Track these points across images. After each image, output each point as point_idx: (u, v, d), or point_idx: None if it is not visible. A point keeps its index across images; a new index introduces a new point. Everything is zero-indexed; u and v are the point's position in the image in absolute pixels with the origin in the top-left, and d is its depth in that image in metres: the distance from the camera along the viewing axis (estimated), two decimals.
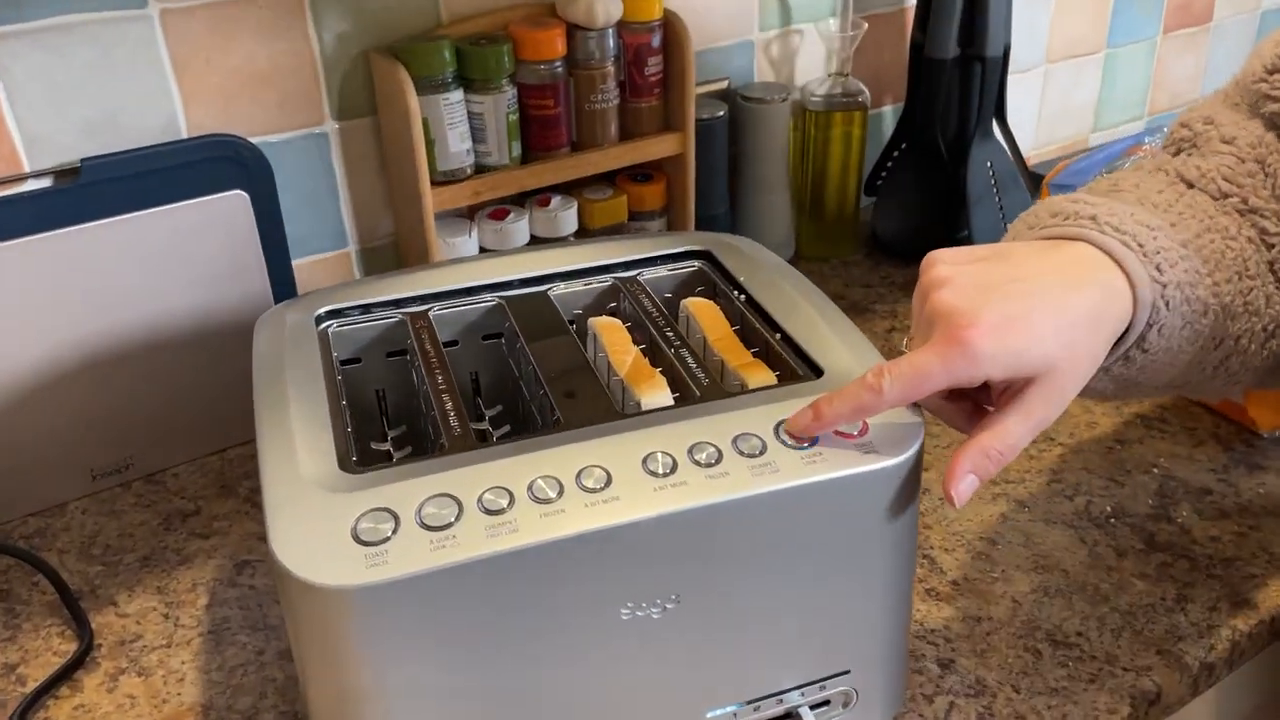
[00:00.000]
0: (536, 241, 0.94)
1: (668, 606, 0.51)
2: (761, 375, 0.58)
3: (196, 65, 0.81)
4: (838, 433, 0.52)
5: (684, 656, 0.52)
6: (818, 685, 0.56)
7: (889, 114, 1.18)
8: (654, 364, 0.60)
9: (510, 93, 0.88)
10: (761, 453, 0.51)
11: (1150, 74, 1.39)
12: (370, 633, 0.47)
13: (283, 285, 0.85)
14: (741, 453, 0.51)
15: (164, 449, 0.84)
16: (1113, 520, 0.76)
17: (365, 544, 0.47)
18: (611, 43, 0.90)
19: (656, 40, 0.92)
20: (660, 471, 0.50)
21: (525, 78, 0.88)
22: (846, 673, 0.57)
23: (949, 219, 1.07)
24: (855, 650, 0.56)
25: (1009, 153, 1.07)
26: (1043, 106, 1.30)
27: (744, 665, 0.54)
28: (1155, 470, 0.81)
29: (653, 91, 0.94)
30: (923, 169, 1.06)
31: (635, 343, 0.62)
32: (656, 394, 0.57)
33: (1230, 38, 1.44)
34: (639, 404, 0.56)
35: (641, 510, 0.48)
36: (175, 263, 0.79)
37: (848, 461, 0.51)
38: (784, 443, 0.52)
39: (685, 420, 0.53)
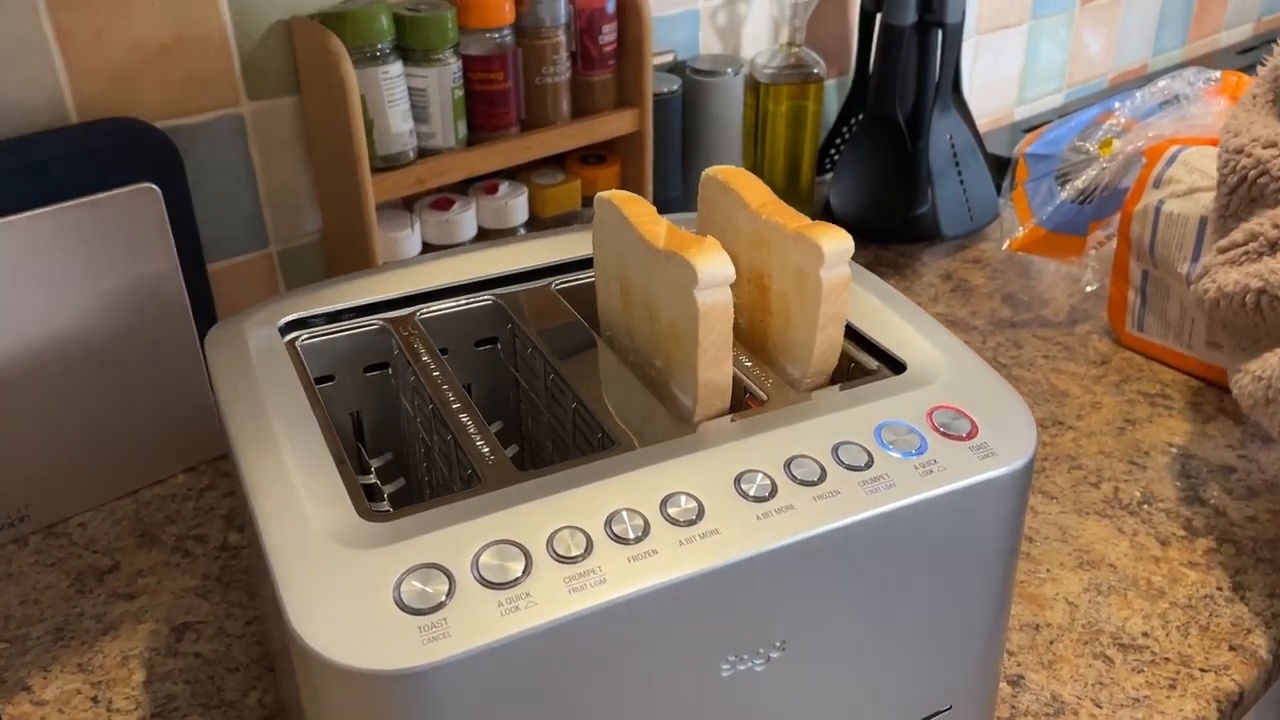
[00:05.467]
0: (485, 234, 0.84)
1: (772, 656, 0.42)
2: (834, 238, 0.47)
3: (85, 37, 0.68)
4: (945, 434, 0.45)
5: (786, 713, 0.44)
6: None
7: (832, 87, 1.12)
8: None
9: (455, 65, 0.77)
10: (869, 464, 0.43)
11: (1069, 46, 1.37)
12: None
13: (200, 295, 0.73)
14: (846, 465, 0.43)
15: (66, 494, 0.70)
16: (1145, 506, 0.71)
17: (415, 612, 0.37)
18: (563, 8, 0.81)
19: (611, 6, 0.83)
20: (759, 495, 0.41)
21: (470, 48, 0.78)
22: (949, 709, 0.49)
23: (908, 194, 1.01)
24: (958, 683, 0.49)
25: (966, 125, 1.02)
26: (973, 79, 1.27)
27: (846, 715, 0.46)
28: (1173, 450, 0.76)
29: (607, 63, 0.85)
30: (880, 143, 1.00)
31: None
32: (714, 260, 0.45)
33: (1139, 8, 1.43)
34: (696, 275, 0.44)
35: (748, 545, 0.40)
36: (72, 271, 0.66)
37: (967, 469, 0.44)
38: (890, 450, 0.44)
39: (772, 430, 0.44)
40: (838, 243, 0.46)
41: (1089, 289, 0.91)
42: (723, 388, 0.46)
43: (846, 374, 0.51)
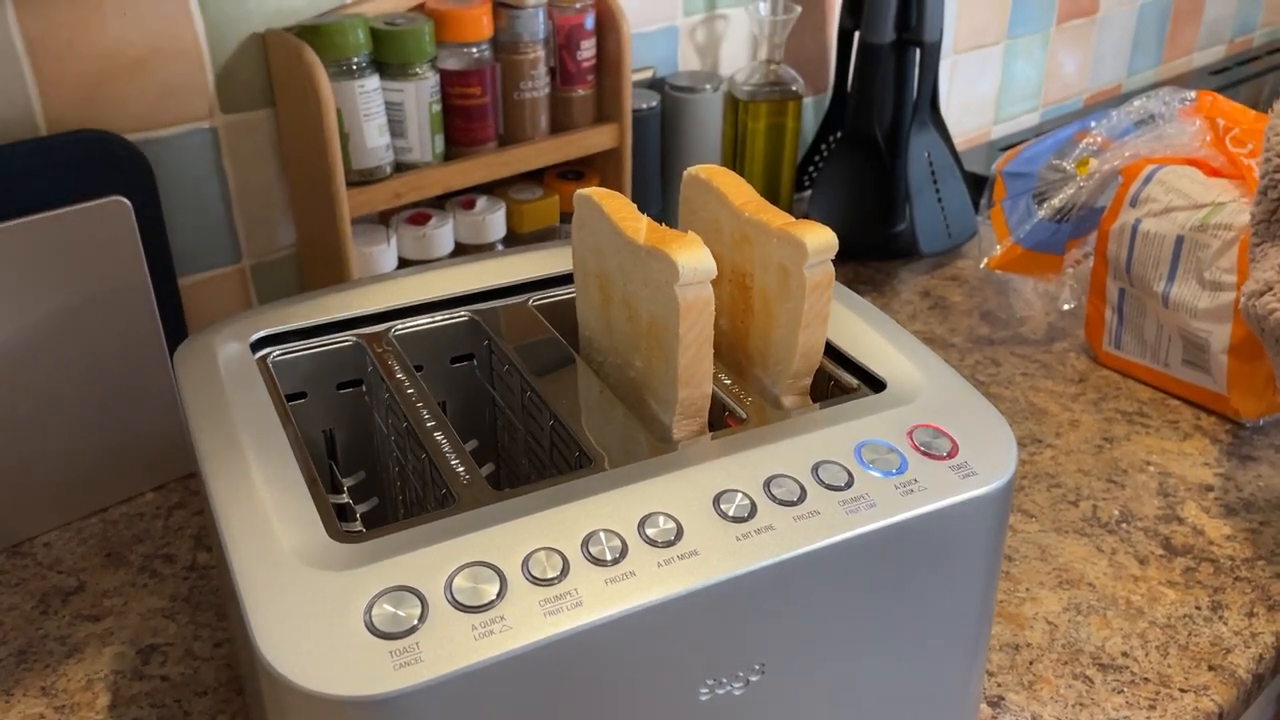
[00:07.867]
0: (462, 249, 0.84)
1: (751, 679, 0.42)
2: (818, 235, 0.46)
3: (56, 48, 0.67)
4: (926, 453, 0.44)
5: None
6: None
7: (810, 104, 1.12)
8: None
9: (432, 79, 0.77)
10: (849, 484, 0.43)
11: (1044, 65, 1.38)
12: None
13: (170, 310, 0.72)
14: (826, 485, 0.42)
15: (31, 513, 0.69)
16: (1124, 525, 0.71)
17: (387, 636, 0.36)
18: (542, 24, 0.80)
19: (590, 21, 0.83)
20: (738, 515, 0.41)
21: (448, 62, 0.78)
22: None
23: (886, 212, 1.01)
24: (938, 704, 0.49)
25: (944, 143, 1.02)
26: (951, 97, 1.27)
27: None
28: (1150, 468, 0.76)
29: (585, 79, 0.84)
30: (858, 161, 1.00)
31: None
32: (695, 254, 0.44)
33: (1114, 29, 1.45)
34: (676, 270, 0.43)
35: (727, 566, 0.39)
36: (40, 285, 0.65)
37: (948, 488, 0.43)
38: (870, 469, 0.43)
39: (751, 449, 0.44)
40: (822, 239, 0.46)
41: (1066, 307, 0.91)
42: (703, 389, 0.46)
43: (826, 392, 0.51)
